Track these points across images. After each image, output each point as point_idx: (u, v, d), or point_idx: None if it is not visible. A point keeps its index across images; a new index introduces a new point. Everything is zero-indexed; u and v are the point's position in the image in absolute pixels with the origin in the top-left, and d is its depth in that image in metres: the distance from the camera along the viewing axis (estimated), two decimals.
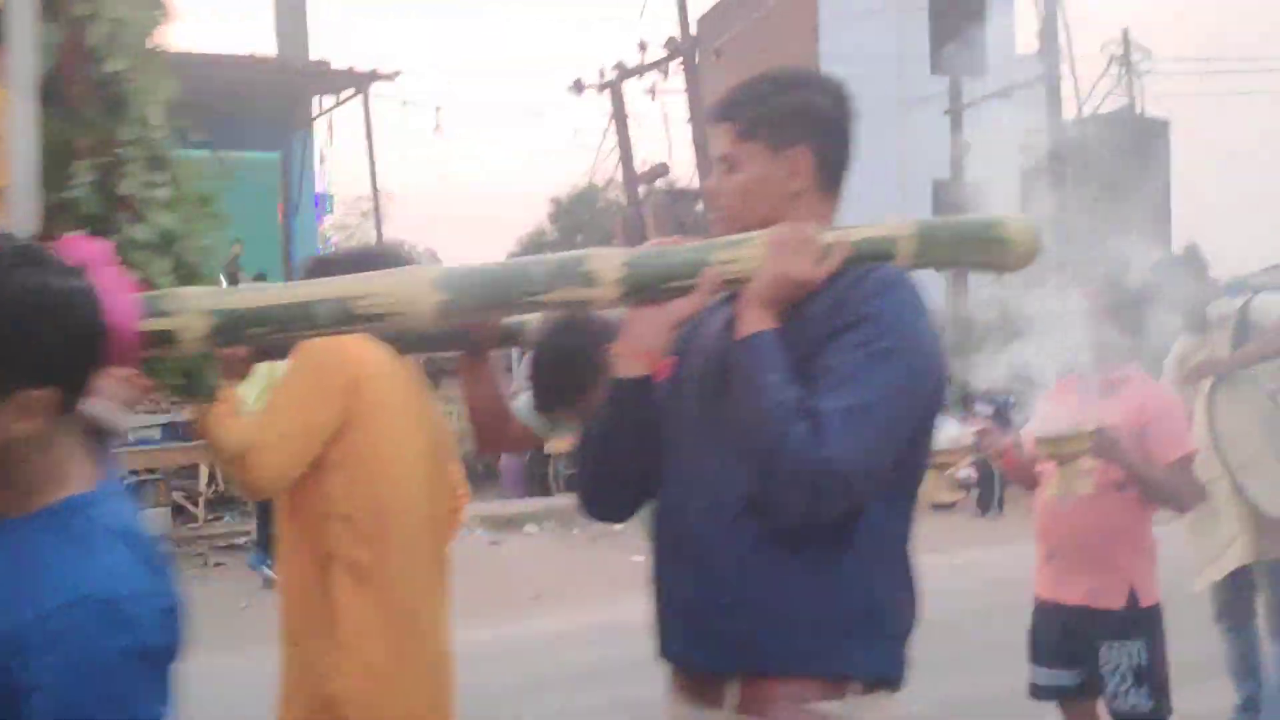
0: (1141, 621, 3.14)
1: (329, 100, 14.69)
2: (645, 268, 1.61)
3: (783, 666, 1.57)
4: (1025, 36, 20.00)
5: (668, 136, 23.05)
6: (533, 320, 2.24)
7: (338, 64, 13.31)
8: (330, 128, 30.26)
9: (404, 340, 2.14)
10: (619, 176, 17.73)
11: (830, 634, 1.57)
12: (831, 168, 1.74)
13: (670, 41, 16.25)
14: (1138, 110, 23.68)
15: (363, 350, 2.08)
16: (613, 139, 17.27)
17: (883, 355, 1.54)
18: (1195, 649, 4.75)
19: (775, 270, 1.60)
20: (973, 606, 6.73)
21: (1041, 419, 3.15)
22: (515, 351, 11.38)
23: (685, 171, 18.23)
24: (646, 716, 5.10)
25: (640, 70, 16.79)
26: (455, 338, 2.17)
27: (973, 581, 7.47)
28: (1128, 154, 23.81)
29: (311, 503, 2.06)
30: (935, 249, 1.71)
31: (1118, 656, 3.12)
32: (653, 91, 17.18)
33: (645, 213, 16.29)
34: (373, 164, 13.70)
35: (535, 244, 20.81)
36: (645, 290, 1.62)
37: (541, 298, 1.58)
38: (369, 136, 13.51)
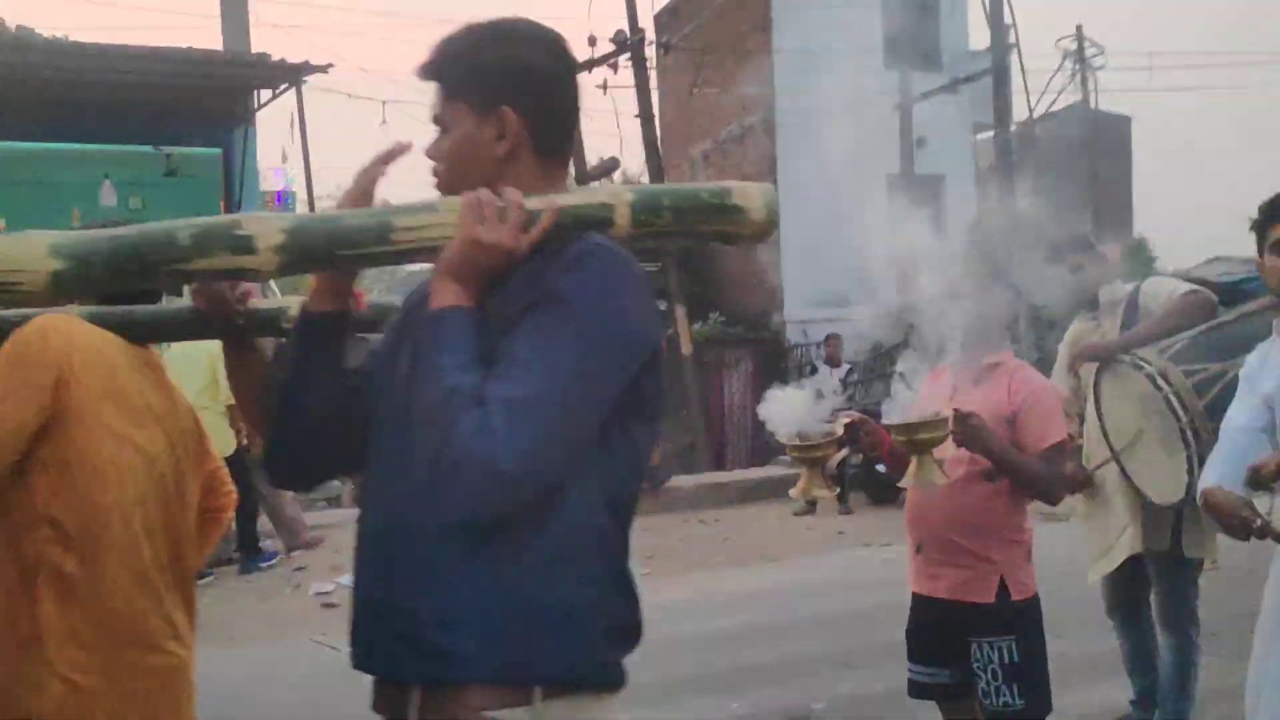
0: (1013, 617, 3.01)
1: (270, 95, 14.45)
2: (310, 234, 1.45)
3: (460, 673, 1.42)
4: (980, 32, 19.97)
5: (619, 132, 22.92)
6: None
7: (273, 57, 13.08)
8: (292, 124, 29.85)
9: (138, 327, 1.97)
10: (571, 170, 17.54)
11: (511, 636, 1.42)
12: (547, 128, 1.59)
13: (618, 35, 16.09)
14: (1092, 105, 23.77)
15: (75, 341, 1.90)
16: None
17: (564, 339, 1.40)
18: (1095, 642, 4.65)
19: (466, 238, 1.45)
20: (888, 600, 6.61)
21: (898, 406, 3.01)
22: None
23: (637, 166, 18.10)
24: None
25: (590, 65, 16.60)
26: (198, 324, 1.99)
27: (896, 575, 7.35)
28: (1091, 149, 23.98)
29: (15, 506, 1.88)
30: (659, 217, 1.58)
31: (988, 653, 2.99)
32: (604, 86, 17.02)
33: None
34: (306, 159, 13.50)
35: None
36: (312, 259, 1.46)
37: (189, 266, 1.41)
38: (303, 130, 13.31)
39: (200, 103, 14.14)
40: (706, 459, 15.25)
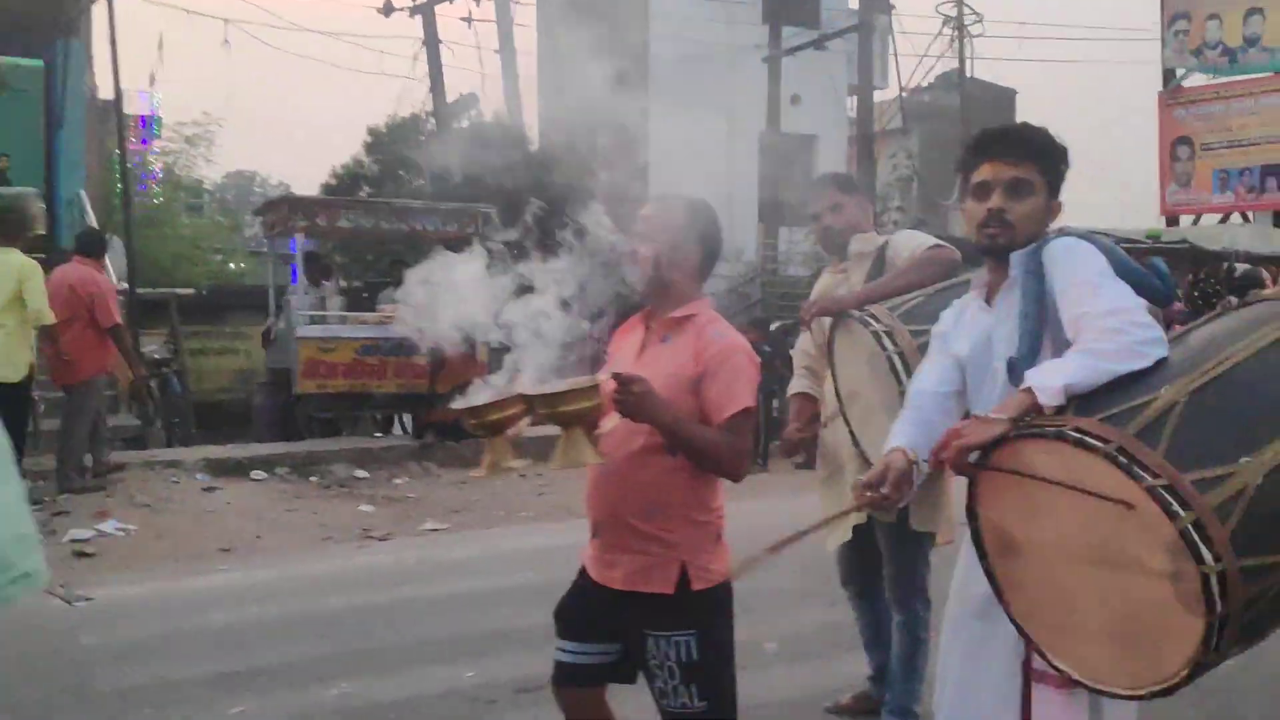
0: (693, 609, 2.62)
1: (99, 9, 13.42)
2: None
3: None
4: None
5: (481, 68, 22.16)
6: None
7: None
8: (160, 45, 28.10)
9: None
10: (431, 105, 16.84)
11: None
12: None
13: None
14: (969, 74, 23.88)
15: None
16: (423, 66, 16.38)
17: None
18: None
19: None
20: None
21: (535, 372, 2.62)
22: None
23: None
24: (252, 689, 4.50)
25: None
26: None
27: None
28: (965, 116, 24.06)
29: None
30: None
31: (665, 649, 2.61)
32: (468, 19, 16.35)
33: (450, 145, 15.52)
34: (116, 76, 12.54)
35: (351, 175, 19.72)
36: None
37: None
38: (113, 44, 12.35)
39: (21, 11, 13.08)
40: None
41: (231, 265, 28.98)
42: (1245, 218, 15.97)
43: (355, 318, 10.54)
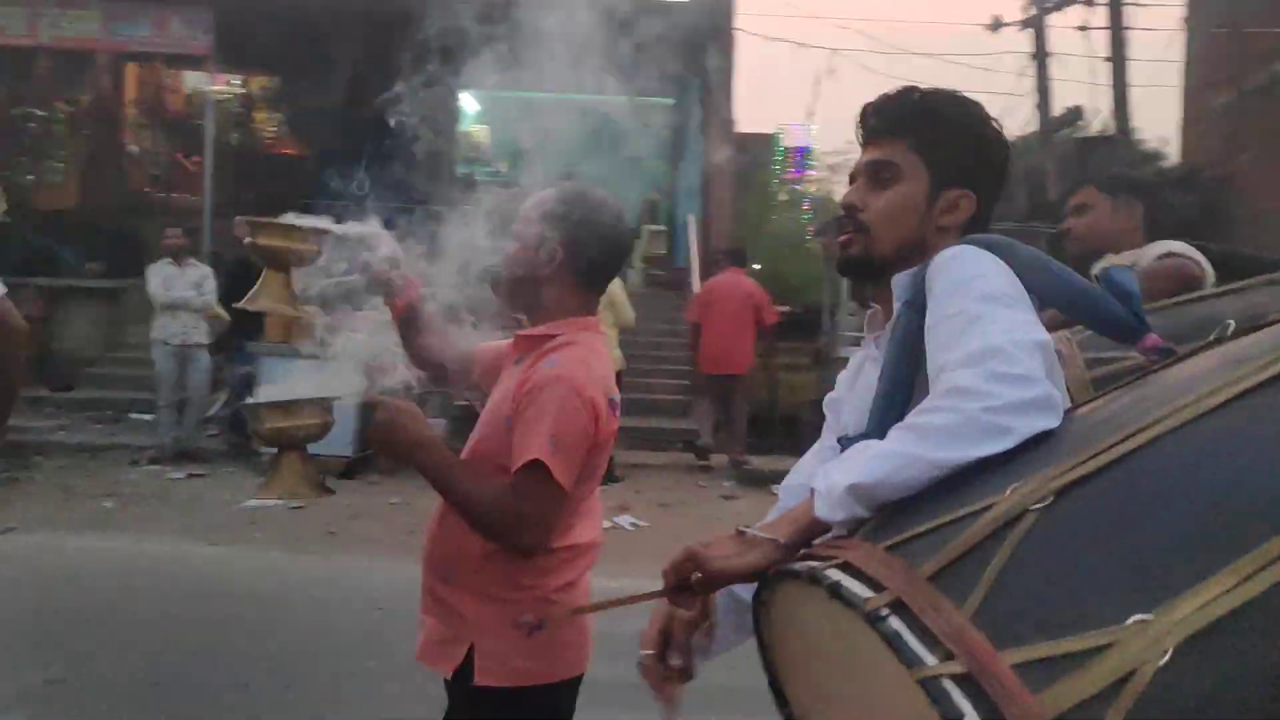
0: (465, 705, 2.15)
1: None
2: None
3: None
4: None
5: (1090, 78, 20.34)
6: None
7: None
8: (818, 82, 29.64)
9: None
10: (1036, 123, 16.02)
11: None
12: None
13: None
14: None
15: None
16: (1027, 82, 15.65)
17: None
18: None
19: None
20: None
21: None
22: None
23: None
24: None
25: (1061, 4, 14.99)
26: None
27: None
28: None
29: None
30: None
31: None
32: (1083, 28, 15.27)
33: (1047, 162, 14.66)
34: (755, 107, 13.51)
35: None
36: None
37: None
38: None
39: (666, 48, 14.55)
40: None
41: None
42: None
43: None
